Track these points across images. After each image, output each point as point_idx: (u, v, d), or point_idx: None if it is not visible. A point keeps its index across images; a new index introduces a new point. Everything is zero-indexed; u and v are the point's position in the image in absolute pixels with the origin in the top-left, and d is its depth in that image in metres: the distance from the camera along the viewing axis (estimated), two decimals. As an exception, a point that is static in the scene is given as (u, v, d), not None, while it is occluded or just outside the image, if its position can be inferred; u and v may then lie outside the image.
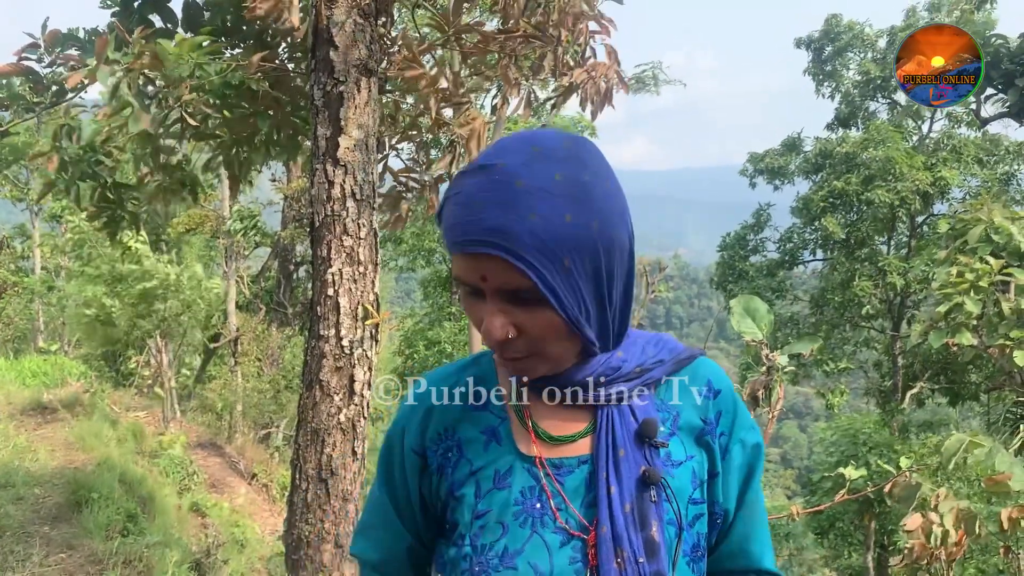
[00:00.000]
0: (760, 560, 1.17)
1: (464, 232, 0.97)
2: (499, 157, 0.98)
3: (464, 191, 0.98)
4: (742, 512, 1.16)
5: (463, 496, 1.09)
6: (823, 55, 19.77)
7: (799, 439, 52.26)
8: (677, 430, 1.12)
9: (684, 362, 1.14)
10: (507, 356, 1.04)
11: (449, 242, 1.00)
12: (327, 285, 3.45)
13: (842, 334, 18.43)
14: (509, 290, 0.99)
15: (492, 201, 0.96)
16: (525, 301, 0.99)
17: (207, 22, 4.23)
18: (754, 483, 1.17)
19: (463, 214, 0.97)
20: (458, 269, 1.01)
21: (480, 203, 0.96)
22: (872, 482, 5.56)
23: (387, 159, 4.37)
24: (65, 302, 18.66)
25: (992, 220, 6.80)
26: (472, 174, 0.99)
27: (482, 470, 1.09)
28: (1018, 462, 4.11)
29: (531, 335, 1.01)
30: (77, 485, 6.52)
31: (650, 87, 17.88)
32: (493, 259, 0.96)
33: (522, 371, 1.06)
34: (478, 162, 1.00)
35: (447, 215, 1.00)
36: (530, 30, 3.87)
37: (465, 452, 1.11)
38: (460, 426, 1.13)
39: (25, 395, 9.94)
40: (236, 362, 15.46)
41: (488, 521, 1.06)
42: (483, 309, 1.01)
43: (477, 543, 1.06)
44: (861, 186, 17.13)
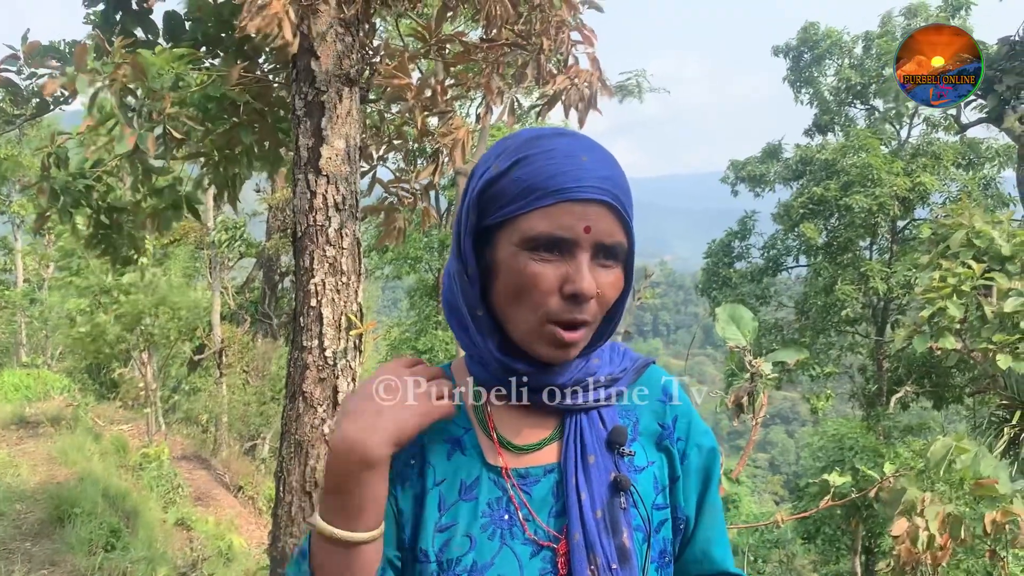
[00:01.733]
0: (723, 563, 1.18)
1: (576, 179, 0.97)
2: (567, 130, 1.05)
3: (558, 147, 1.00)
4: (703, 517, 1.16)
5: (426, 508, 1.06)
6: (801, 63, 19.92)
7: (786, 444, 52.43)
8: (638, 436, 1.12)
9: (641, 370, 1.16)
10: (578, 319, 1.00)
11: (544, 192, 0.97)
12: (310, 296, 3.43)
13: (827, 339, 18.53)
14: (608, 244, 0.99)
15: (596, 156, 1.00)
16: (608, 260, 1.01)
17: (188, 33, 4.22)
18: (712, 487, 1.17)
19: (569, 163, 0.98)
20: (550, 222, 0.97)
21: (586, 156, 0.99)
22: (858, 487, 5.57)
23: (375, 170, 4.36)
24: (48, 315, 18.51)
25: (973, 225, 6.85)
26: (552, 137, 1.01)
27: (445, 481, 1.07)
28: (1003, 465, 4.14)
29: (603, 298, 1.02)
30: (60, 500, 6.46)
31: (635, 95, 17.94)
32: (603, 207, 0.98)
33: (573, 341, 1.02)
34: (548, 131, 1.03)
35: (536, 170, 0.98)
36: (512, 39, 3.87)
37: (429, 459, 1.08)
38: (424, 435, 1.08)
39: (7, 410, 9.85)
40: (221, 374, 15.36)
41: (454, 535, 1.03)
42: (561, 267, 0.99)
43: (443, 558, 1.02)
44: (840, 192, 17.26)
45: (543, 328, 1.01)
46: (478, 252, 1.05)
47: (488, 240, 1.04)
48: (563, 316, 1.00)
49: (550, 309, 1.00)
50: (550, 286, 0.99)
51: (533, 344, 1.03)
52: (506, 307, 1.04)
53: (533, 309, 1.00)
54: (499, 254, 1.02)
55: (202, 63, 4.02)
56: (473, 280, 1.05)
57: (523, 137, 1.03)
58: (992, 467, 3.99)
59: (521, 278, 1.00)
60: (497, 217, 1.01)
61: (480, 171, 1.05)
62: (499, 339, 1.07)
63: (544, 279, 0.99)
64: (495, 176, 1.01)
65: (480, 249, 1.05)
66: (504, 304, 1.04)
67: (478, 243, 1.05)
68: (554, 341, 1.01)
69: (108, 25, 4.28)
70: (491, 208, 1.02)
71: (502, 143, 1.06)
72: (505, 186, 1.00)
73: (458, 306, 1.09)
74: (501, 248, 1.02)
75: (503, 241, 1.01)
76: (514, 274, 1.00)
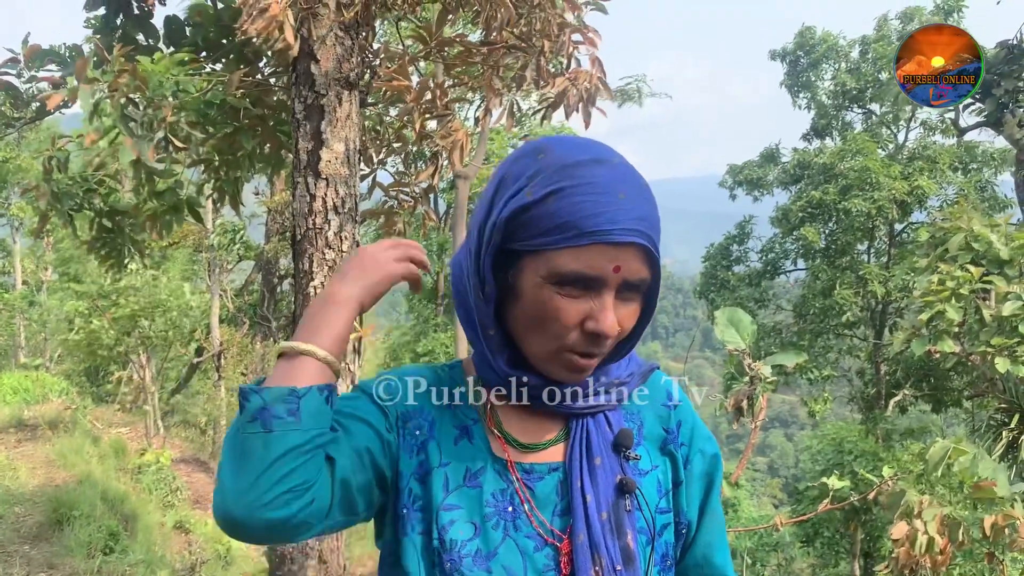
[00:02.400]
0: (723, 569, 1.19)
1: (612, 220, 0.94)
2: (604, 153, 1.01)
3: (597, 181, 0.96)
4: (704, 522, 1.17)
5: (430, 483, 1.05)
6: (798, 67, 19.94)
7: (785, 448, 52.37)
8: (643, 439, 1.13)
9: (646, 375, 1.16)
10: (594, 352, 1.01)
11: (580, 233, 0.95)
12: (309, 298, 3.43)
13: (825, 342, 18.53)
14: (635, 281, 0.99)
15: (633, 192, 0.97)
16: (631, 294, 1.00)
17: (189, 38, 4.22)
18: (714, 493, 1.18)
19: (607, 202, 0.95)
20: (582, 262, 0.96)
21: (624, 192, 0.96)
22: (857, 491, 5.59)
23: (375, 174, 4.36)
24: (47, 317, 18.49)
25: (972, 229, 6.86)
26: (590, 165, 0.98)
27: (451, 464, 1.06)
28: (1001, 468, 4.14)
29: (621, 330, 1.02)
30: (58, 503, 6.45)
31: (634, 99, 17.95)
32: (636, 248, 0.97)
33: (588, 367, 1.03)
34: (586, 156, 0.99)
35: (574, 206, 0.95)
36: (513, 40, 3.88)
37: (435, 434, 1.08)
38: (434, 411, 1.10)
39: (6, 412, 9.84)
40: (220, 376, 15.35)
41: (458, 518, 1.03)
42: (584, 303, 0.98)
43: (446, 537, 1.02)
44: (838, 196, 17.28)
45: (559, 355, 1.01)
46: (498, 269, 1.03)
47: (511, 262, 1.02)
48: (581, 349, 1.00)
49: (569, 342, 1.00)
50: (572, 321, 0.98)
51: (548, 366, 1.04)
52: (523, 331, 1.03)
53: (552, 339, 1.00)
54: (523, 282, 1.00)
55: (203, 69, 4.02)
56: (489, 299, 1.04)
57: (558, 159, 0.99)
58: (991, 470, 3.99)
59: (544, 311, 0.99)
60: (525, 246, 0.99)
61: (509, 189, 1.01)
62: (509, 355, 1.07)
63: (567, 314, 0.98)
64: (529, 203, 0.98)
65: (500, 266, 1.03)
66: (522, 329, 1.03)
67: (498, 261, 1.03)
68: (570, 366, 1.02)
69: (108, 29, 4.29)
70: (520, 234, 0.99)
71: (532, 159, 1.01)
72: (538, 217, 0.97)
73: (470, 310, 1.08)
74: (526, 277, 1.00)
75: (528, 270, 0.99)
76: (537, 305, 0.99)
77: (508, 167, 1.04)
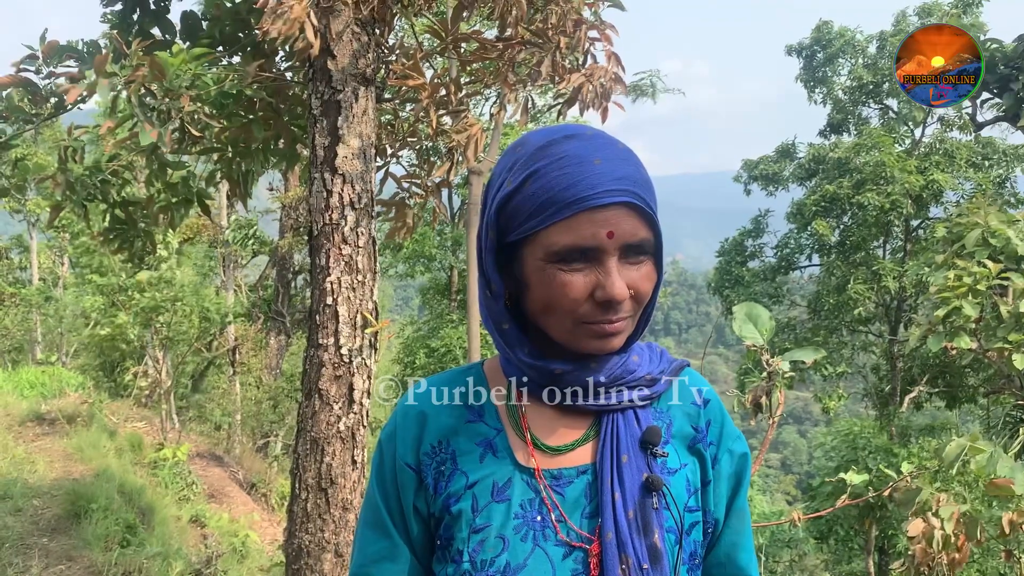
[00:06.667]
0: (747, 569, 1.18)
1: (591, 185, 0.95)
2: (576, 129, 1.01)
3: (569, 153, 0.97)
4: (731, 522, 1.17)
5: (461, 511, 1.06)
6: (814, 62, 19.81)
7: (799, 444, 52.20)
8: (671, 438, 1.12)
9: (677, 371, 1.15)
10: (615, 319, 1.00)
11: (561, 205, 0.96)
12: (326, 294, 3.44)
13: (839, 338, 18.44)
14: (634, 243, 0.98)
15: (610, 155, 0.97)
16: (637, 257, 1.00)
17: (205, 32, 4.24)
18: (742, 493, 1.18)
19: (582, 170, 0.96)
20: (572, 234, 0.96)
21: (599, 157, 0.96)
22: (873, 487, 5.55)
23: (388, 166, 4.37)
24: (63, 313, 18.62)
25: (988, 224, 6.80)
26: (561, 142, 0.99)
27: (479, 483, 1.07)
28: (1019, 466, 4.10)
29: (639, 293, 1.01)
30: (76, 496, 6.50)
31: (648, 95, 17.90)
32: (624, 208, 0.96)
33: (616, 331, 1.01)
34: (558, 135, 1.00)
35: (550, 182, 0.96)
36: (528, 36, 3.87)
37: (460, 464, 1.08)
38: (454, 438, 1.10)
39: (23, 406, 9.92)
40: (235, 371, 15.42)
41: (487, 536, 1.03)
42: (590, 274, 0.98)
43: (476, 559, 1.03)
44: (853, 190, 17.16)
45: (580, 327, 1.01)
46: (506, 267, 1.05)
47: (514, 255, 1.03)
48: (598, 318, 1.00)
49: (584, 314, 1.00)
50: (581, 294, 0.98)
51: (576, 343, 1.03)
52: (542, 317, 1.03)
53: (567, 315, 1.00)
54: (527, 269, 1.01)
55: (219, 62, 4.04)
56: (497, 296, 1.05)
57: (532, 145, 1.01)
58: (1008, 468, 3.96)
59: (551, 290, 0.99)
60: (518, 234, 1.00)
61: (495, 187, 1.04)
62: (529, 348, 1.07)
63: (574, 288, 0.98)
64: (510, 192, 1.00)
65: (506, 264, 1.05)
66: (540, 315, 1.04)
67: (504, 258, 1.04)
68: (594, 334, 1.01)
69: (125, 25, 4.31)
70: (511, 225, 1.01)
71: (512, 153, 1.03)
72: (521, 203, 0.99)
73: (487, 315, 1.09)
74: (528, 263, 1.01)
75: (528, 257, 1.01)
76: (544, 287, 1.00)
77: (495, 167, 1.06)
